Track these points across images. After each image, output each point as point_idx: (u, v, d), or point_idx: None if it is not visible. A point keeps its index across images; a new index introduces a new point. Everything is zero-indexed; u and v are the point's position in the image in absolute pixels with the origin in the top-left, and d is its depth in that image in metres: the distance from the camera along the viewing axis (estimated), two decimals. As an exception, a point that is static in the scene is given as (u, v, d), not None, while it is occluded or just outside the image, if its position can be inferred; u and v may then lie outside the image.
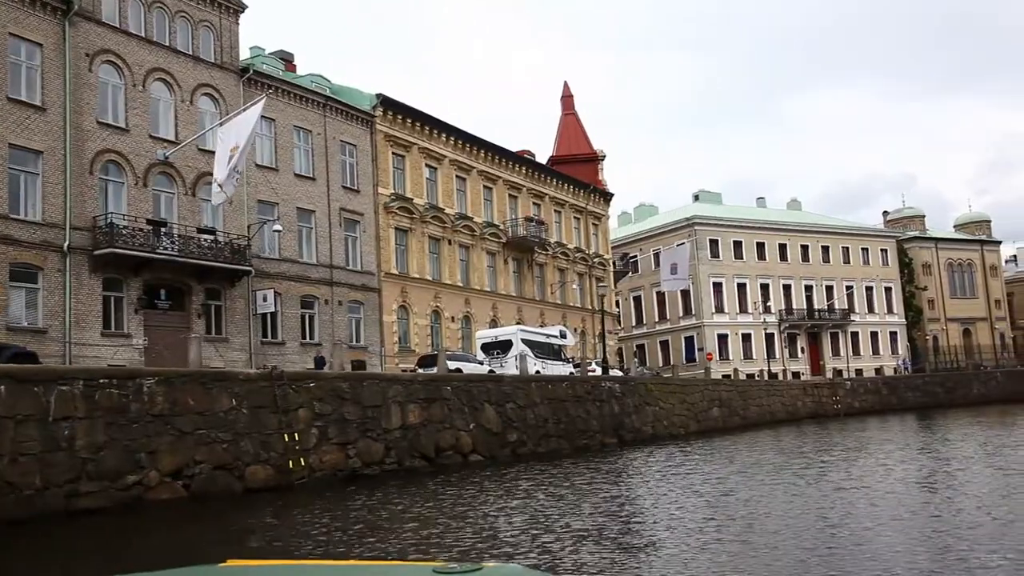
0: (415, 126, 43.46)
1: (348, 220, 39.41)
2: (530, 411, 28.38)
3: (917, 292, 78.96)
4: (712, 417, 41.57)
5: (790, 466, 22.33)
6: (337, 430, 20.95)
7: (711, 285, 66.28)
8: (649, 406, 35.83)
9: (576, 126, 61.79)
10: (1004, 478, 17.58)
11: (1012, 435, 31.06)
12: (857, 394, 59.04)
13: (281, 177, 36.37)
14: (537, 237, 50.64)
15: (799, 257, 71.03)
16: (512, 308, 48.92)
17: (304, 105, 37.97)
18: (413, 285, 42.10)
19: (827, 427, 42.80)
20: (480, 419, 25.87)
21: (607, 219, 60.78)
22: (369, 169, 40.88)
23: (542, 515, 14.50)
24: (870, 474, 19.25)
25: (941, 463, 21.54)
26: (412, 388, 23.74)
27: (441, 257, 44.49)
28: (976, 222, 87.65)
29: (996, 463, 21.02)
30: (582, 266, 56.39)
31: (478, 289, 46.54)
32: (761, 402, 48.12)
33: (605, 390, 33.23)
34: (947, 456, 23.71)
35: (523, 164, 51.82)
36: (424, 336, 42.41)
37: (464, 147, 46.84)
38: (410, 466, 22.73)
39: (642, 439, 34.09)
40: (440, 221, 44.30)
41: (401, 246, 42.21)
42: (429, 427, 23.81)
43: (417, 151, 43.57)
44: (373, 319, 39.88)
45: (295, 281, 36.20)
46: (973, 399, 64.05)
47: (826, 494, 16.19)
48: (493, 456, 25.84)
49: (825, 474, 19.64)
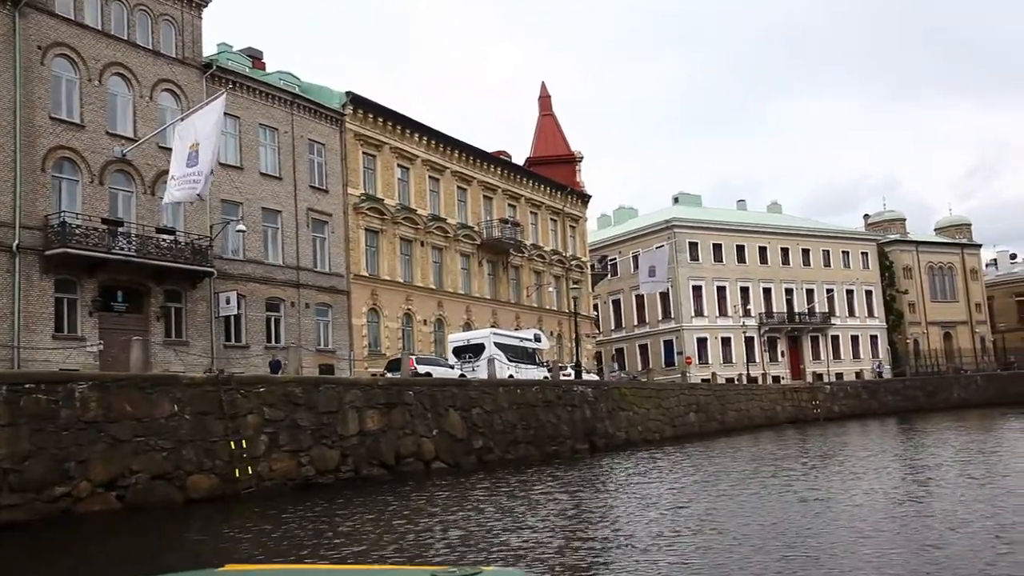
0: (386, 125, 42.57)
1: (316, 221, 38.47)
2: (497, 416, 27.51)
3: (898, 295, 78.60)
4: (689, 422, 40.81)
5: (757, 475, 21.50)
6: (289, 437, 20.03)
7: (690, 288, 65.61)
8: (623, 411, 35.03)
9: (553, 127, 61.04)
10: (978, 489, 16.75)
11: (989, 441, 30.31)
12: (837, 398, 58.46)
13: (246, 176, 35.40)
14: (512, 239, 49.81)
15: (779, 260, 70.48)
16: (487, 311, 48.06)
17: (271, 103, 37.03)
18: (384, 287, 41.19)
19: (805, 432, 42.10)
20: (444, 425, 24.99)
21: (585, 221, 60.02)
22: (338, 169, 39.96)
23: (481, 528, 13.67)
24: (838, 484, 18.41)
25: (913, 472, 20.69)
26: (371, 393, 22.84)
27: (413, 259, 43.59)
28: (957, 225, 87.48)
29: (970, 472, 20.11)
30: (559, 268, 55.61)
31: (451, 292, 45.67)
32: (739, 407, 47.39)
33: (577, 395, 32.40)
34: (921, 464, 22.83)
35: (498, 165, 51.01)
36: (395, 339, 41.49)
37: (437, 147, 45.98)
38: (368, 474, 21.83)
39: (615, 445, 33.27)
40: (412, 222, 43.42)
41: (371, 247, 41.29)
42: (389, 433, 22.91)
43: (388, 151, 42.69)
44: (342, 322, 38.94)
45: (260, 283, 35.23)
46: (954, 403, 63.62)
47: (787, 507, 15.34)
48: (457, 463, 24.97)
49: (790, 484, 18.75)
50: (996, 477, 18.65)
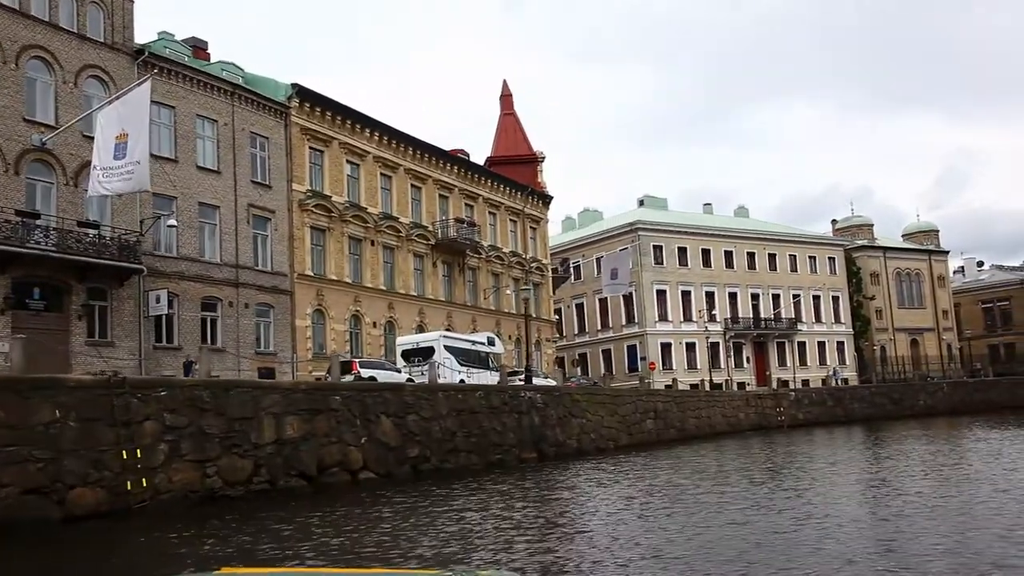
0: (335, 119, 40.91)
1: (258, 217, 36.73)
2: (436, 423, 25.94)
3: (865, 301, 77.79)
4: (646, 430, 39.40)
5: (692, 491, 19.83)
6: (193, 445, 18.34)
7: (654, 293, 64.30)
8: (575, 418, 33.55)
9: (515, 126, 59.58)
10: (928, 519, 14.95)
11: (952, 452, 28.94)
12: (802, 405, 57.33)
13: (181, 169, 33.62)
14: (469, 239, 48.27)
15: (745, 265, 69.38)
16: (441, 314, 46.46)
17: (210, 92, 35.28)
18: (330, 288, 39.50)
19: (765, 441, 40.82)
20: (375, 432, 23.39)
21: (546, 223, 58.56)
22: (283, 163, 38.26)
23: (362, 551, 12.09)
24: (777, 503, 16.77)
25: (864, 489, 18.95)
26: (292, 398, 21.19)
27: (363, 259, 41.93)
28: (924, 231, 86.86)
29: (924, 490, 18.34)
30: (518, 271, 54.10)
31: (403, 293, 44.03)
32: (700, 414, 46.07)
33: (525, 401, 30.89)
34: (876, 479, 21.17)
35: (455, 163, 49.46)
36: (342, 342, 39.80)
37: (390, 143, 44.37)
38: (285, 485, 20.18)
39: (566, 454, 31.80)
40: (362, 220, 41.76)
41: (318, 246, 39.59)
42: (311, 441, 21.28)
43: (337, 146, 41.03)
44: (284, 323, 37.21)
45: (195, 281, 33.44)
46: (919, 410, 62.73)
47: (708, 532, 13.72)
48: (389, 473, 23.38)
49: (723, 504, 17.03)
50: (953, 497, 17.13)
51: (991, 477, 19.18)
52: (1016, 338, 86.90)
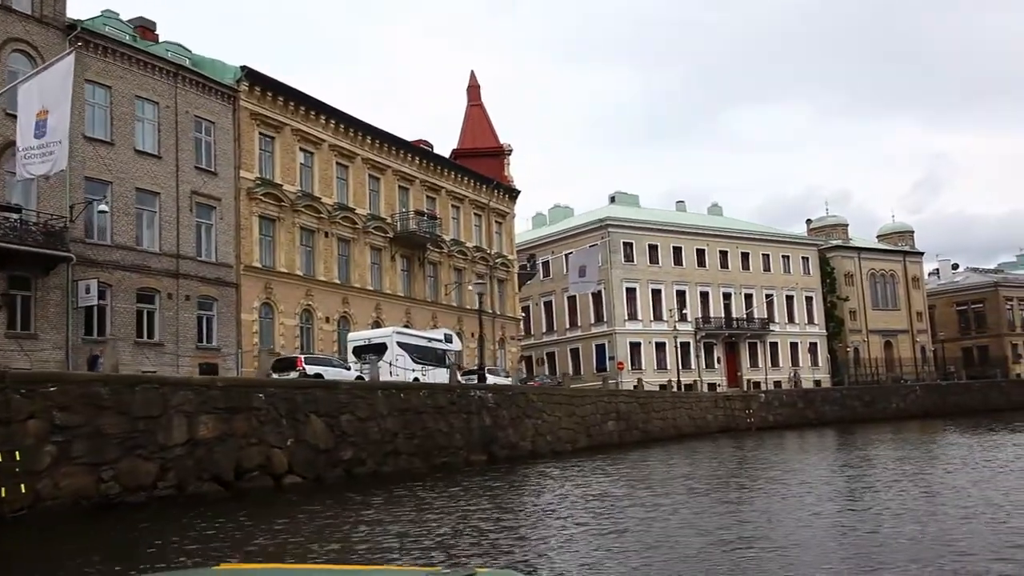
0: (287, 105, 39.15)
1: (201, 205, 34.95)
2: (373, 424, 24.31)
3: (838, 302, 76.70)
4: (607, 431, 37.92)
5: (622, 503, 17.98)
6: (87, 447, 16.64)
7: (624, 291, 62.81)
8: (529, 419, 31.99)
9: (482, 118, 57.95)
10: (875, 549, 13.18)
11: (925, 460, 27.43)
12: (772, 407, 56.05)
13: (117, 152, 31.79)
14: (429, 232, 46.61)
15: (718, 263, 68.04)
16: (399, 309, 44.78)
17: (150, 73, 33.45)
18: (280, 280, 37.76)
19: (727, 444, 39.39)
20: (303, 433, 21.74)
21: (512, 217, 56.93)
22: (230, 149, 36.48)
23: None
24: (707, 520, 14.91)
25: (812, 503, 16.77)
26: (207, 395, 19.49)
27: (316, 251, 40.19)
28: (899, 232, 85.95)
29: (883, 508, 16.11)
30: (482, 266, 52.47)
31: (359, 287, 42.32)
32: (666, 415, 44.65)
33: (475, 400, 29.30)
34: (829, 492, 19.12)
35: (416, 154, 47.76)
36: (292, 338, 38.08)
37: (347, 131, 42.63)
38: (196, 491, 18.50)
39: (518, 456, 30.24)
40: (315, 211, 40.03)
41: (267, 237, 37.84)
42: (229, 443, 19.60)
43: (290, 133, 39.27)
44: (229, 317, 35.44)
45: (130, 271, 31.61)
46: (891, 413, 61.66)
47: (622, 552, 12.12)
48: (319, 477, 21.74)
49: (652, 519, 15.24)
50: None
51: (956, 494, 17.32)
52: (990, 341, 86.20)
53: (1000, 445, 30.66)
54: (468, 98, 59.05)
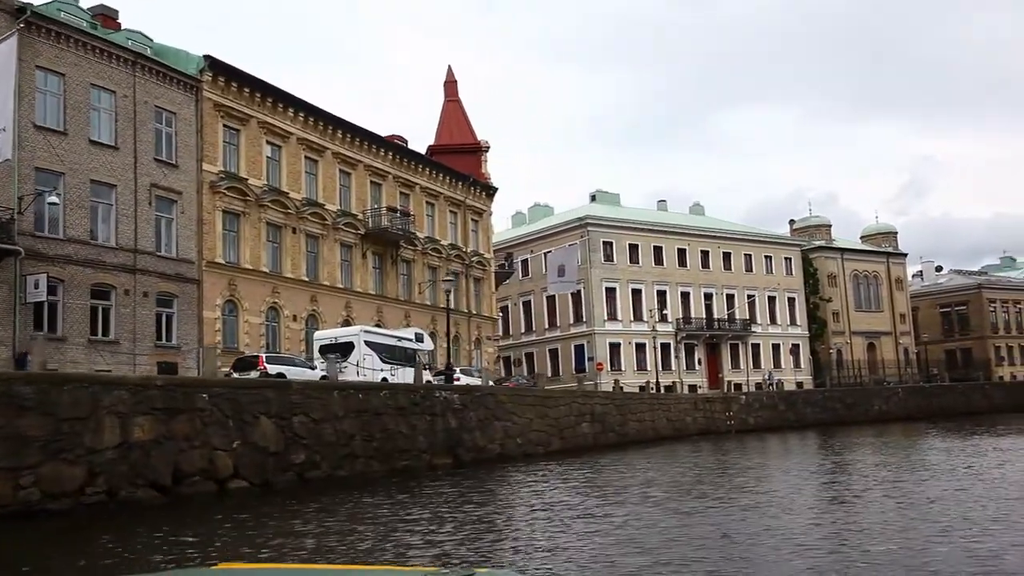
0: (254, 96, 37.96)
1: (161, 199, 33.72)
2: (328, 426, 23.19)
3: (821, 303, 75.93)
4: (581, 433, 36.90)
5: (578, 508, 16.96)
6: (4, 450, 15.48)
7: (603, 290, 61.82)
8: (498, 420, 30.92)
9: (459, 114, 56.82)
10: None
11: (903, 466, 26.30)
12: (752, 409, 55.17)
13: (70, 143, 30.55)
14: (402, 229, 45.47)
15: (699, 263, 67.11)
16: (371, 308, 43.64)
17: (107, 61, 32.20)
18: (245, 277, 36.57)
19: (704, 448, 38.39)
20: (252, 435, 20.61)
21: (489, 215, 55.82)
22: (192, 141, 35.27)
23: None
24: (661, 533, 13.64)
25: (778, 514, 15.46)
26: (144, 395, 18.34)
27: (283, 247, 39.01)
28: (883, 233, 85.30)
29: (851, 522, 14.55)
30: (457, 264, 51.35)
31: (328, 285, 41.15)
32: (643, 417, 43.64)
33: (440, 401, 28.22)
34: (800, 502, 17.65)
35: (390, 149, 46.62)
36: (257, 336, 36.89)
37: (316, 125, 41.47)
38: (130, 497, 17.35)
39: (486, 459, 29.18)
40: (282, 206, 38.86)
41: (231, 232, 36.65)
42: (167, 446, 18.46)
43: (256, 125, 38.09)
44: (190, 315, 34.22)
45: (84, 266, 30.36)
46: (874, 416, 60.94)
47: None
48: (267, 482, 20.62)
49: (594, 533, 13.93)
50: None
51: (931, 507, 16.06)
52: (973, 343, 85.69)
53: (981, 451, 29.77)
54: (445, 94, 57.91)
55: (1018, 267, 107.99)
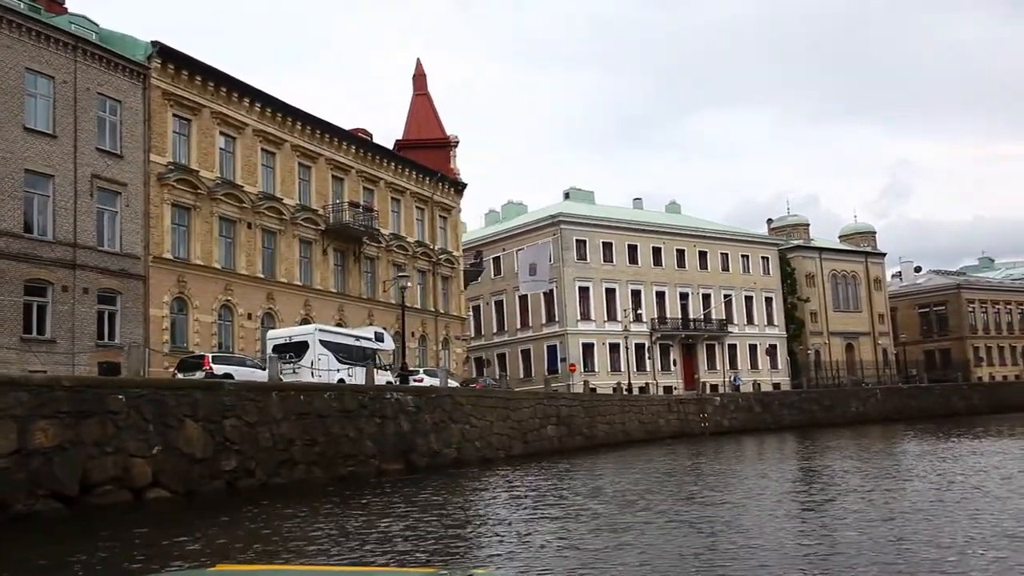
0: (206, 85, 36.32)
1: (104, 190, 32.03)
2: (265, 429, 21.63)
3: (799, 304, 74.84)
4: (546, 437, 35.44)
5: (505, 523, 15.43)
6: None
7: (577, 290, 60.42)
8: (456, 423, 29.42)
9: (427, 107, 55.26)
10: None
11: (874, 473, 24.75)
12: (728, 411, 53.87)
13: (2, 130, 28.84)
14: (365, 226, 43.90)
15: (675, 263, 65.81)
16: (332, 306, 42.07)
17: (44, 44, 30.49)
18: (195, 274, 34.93)
19: (673, 451, 36.98)
20: (174, 440, 19.03)
21: (458, 212, 54.27)
22: (139, 131, 33.60)
23: None
24: (580, 556, 11.98)
25: (723, 531, 13.72)
26: (47, 397, 16.73)
27: (237, 242, 37.39)
28: (861, 233, 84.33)
29: (805, 547, 12.32)
30: (424, 262, 49.81)
31: (285, 283, 39.54)
32: (613, 419, 42.22)
33: (391, 403, 26.68)
34: (753, 517, 15.61)
35: (353, 143, 45.03)
36: (208, 335, 35.26)
37: (274, 116, 39.87)
38: (28, 509, 15.75)
39: (442, 464, 27.68)
40: (236, 200, 37.23)
41: (181, 226, 35.01)
42: (74, 452, 16.86)
43: (209, 115, 36.45)
44: (135, 312, 32.54)
45: (16, 260, 28.63)
46: (851, 417, 59.80)
47: None
48: (192, 491, 19.04)
49: (506, 557, 12.25)
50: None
51: (897, 525, 13.87)
52: (952, 343, 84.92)
53: (958, 456, 28.50)
54: (414, 87, 56.34)
55: (996, 268, 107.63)
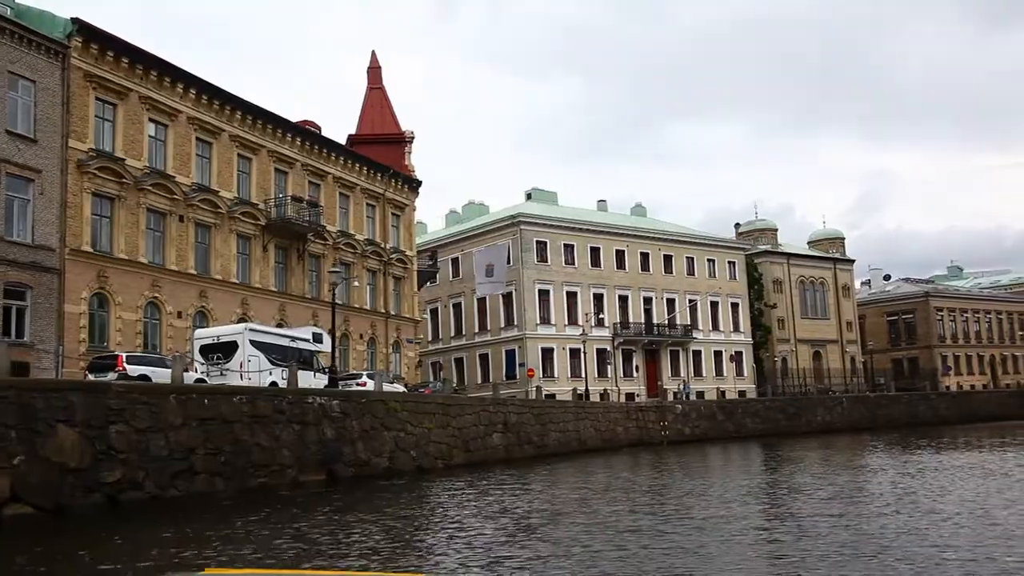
0: (134, 68, 34.07)
1: (15, 177, 29.70)
2: (159, 436, 19.49)
3: (766, 310, 73.33)
4: (491, 445, 33.45)
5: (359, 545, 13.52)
6: None
7: (537, 293, 58.44)
8: (388, 431, 27.36)
9: (382, 102, 53.19)
10: None
11: (827, 492, 22.36)
12: (689, 419, 52.14)
13: None
14: (310, 221, 41.73)
15: (638, 266, 63.98)
16: (272, 306, 39.88)
17: (-51, 18, 28.28)
18: (119, 268, 32.65)
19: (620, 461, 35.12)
20: (42, 448, 16.86)
21: (412, 210, 52.20)
22: (56, 114, 31.29)
23: None
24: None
25: (630, 558, 11.87)
26: None
27: (167, 236, 35.13)
28: (830, 239, 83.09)
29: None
30: (374, 261, 47.69)
31: (221, 280, 37.31)
32: (566, 427, 40.30)
33: (313, 408, 24.57)
34: (674, 541, 13.74)
35: (298, 135, 42.86)
36: (133, 334, 32.99)
37: (211, 104, 37.66)
38: None
39: (371, 474, 25.61)
40: (167, 191, 34.99)
41: (103, 217, 32.73)
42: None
43: (137, 100, 34.21)
44: (48, 308, 30.22)
45: (-90, 250, 26.41)
46: (817, 427, 58.33)
47: None
48: (62, 507, 16.86)
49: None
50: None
51: (845, 557, 11.84)
52: (920, 352, 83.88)
53: (922, 470, 26.81)
54: (368, 80, 54.24)
55: (965, 277, 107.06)
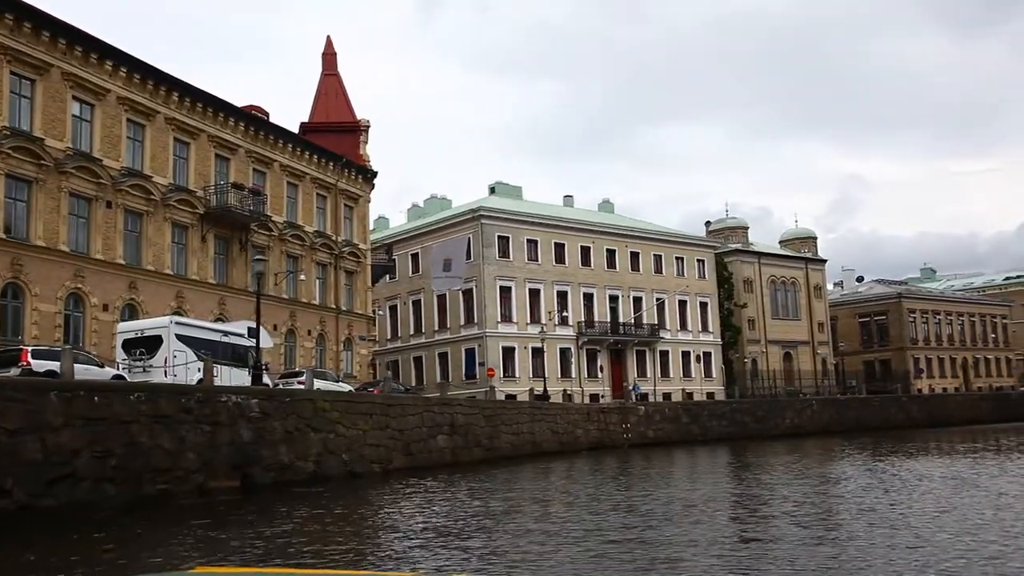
0: (56, 42, 31.74)
1: (-84, 155, 27.49)
2: (33, 438, 17.31)
3: (736, 310, 71.67)
4: (436, 448, 31.40)
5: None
6: None
7: (498, 289, 56.43)
8: (316, 432, 25.25)
9: (337, 89, 51.02)
10: None
11: (782, 503, 20.68)
12: (652, 421, 50.27)
13: None
14: (253, 211, 39.55)
15: (604, 263, 62.09)
16: (211, 300, 37.69)
17: None
18: (35, 256, 30.34)
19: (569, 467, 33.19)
20: None
21: (367, 202, 50.05)
22: (-34, 89, 29.07)
23: None
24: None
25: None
26: None
27: (92, 223, 32.84)
28: (802, 238, 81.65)
29: None
30: (324, 254, 45.53)
31: (154, 271, 35.06)
32: (520, 429, 38.30)
33: (227, 408, 22.43)
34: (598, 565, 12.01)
35: (242, 119, 40.64)
36: (51, 328, 30.69)
37: (144, 84, 35.40)
38: None
39: (293, 480, 23.49)
40: (93, 175, 32.71)
41: (18, 201, 30.40)
42: None
43: (59, 76, 31.90)
44: (-48, 299, 27.99)
45: None
46: (785, 430, 56.65)
47: None
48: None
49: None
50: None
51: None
52: (893, 354, 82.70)
53: (891, 477, 25.08)
54: (323, 66, 52.03)
55: (938, 279, 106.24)
